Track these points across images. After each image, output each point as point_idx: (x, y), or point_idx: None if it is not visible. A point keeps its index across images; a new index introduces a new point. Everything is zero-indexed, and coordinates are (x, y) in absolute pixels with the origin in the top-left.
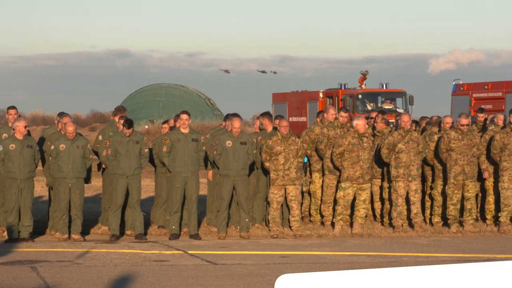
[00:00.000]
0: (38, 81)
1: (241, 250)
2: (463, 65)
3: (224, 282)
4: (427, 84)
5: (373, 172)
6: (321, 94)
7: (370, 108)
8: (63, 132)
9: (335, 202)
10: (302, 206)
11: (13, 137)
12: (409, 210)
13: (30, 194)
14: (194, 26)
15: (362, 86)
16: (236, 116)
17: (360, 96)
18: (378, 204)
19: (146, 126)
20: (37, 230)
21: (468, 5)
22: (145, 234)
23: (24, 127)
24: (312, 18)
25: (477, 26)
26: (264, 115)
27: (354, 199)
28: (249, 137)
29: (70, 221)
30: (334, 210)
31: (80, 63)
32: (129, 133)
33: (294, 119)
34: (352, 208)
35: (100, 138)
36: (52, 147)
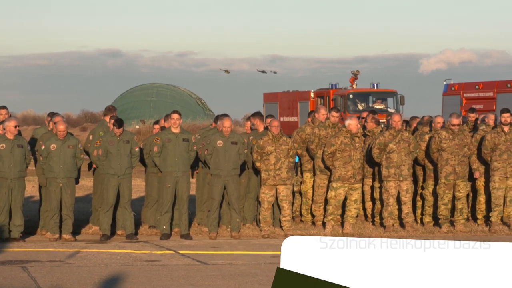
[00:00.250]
0: (29, 81)
1: (232, 250)
2: (454, 65)
3: (215, 282)
4: (418, 84)
5: (364, 172)
6: (312, 94)
7: (361, 108)
8: (55, 131)
9: (326, 202)
10: (293, 206)
11: (3, 137)
12: (400, 210)
13: (21, 194)
14: (185, 26)
15: (353, 86)
16: (226, 116)
17: (351, 96)
18: (369, 204)
19: (137, 126)
20: (28, 230)
21: (459, 5)
22: (136, 234)
23: (14, 127)
24: (303, 18)
25: (468, 26)
26: (255, 115)
27: (345, 199)
28: (240, 137)
29: (61, 221)
30: (325, 210)
31: (71, 63)
32: (119, 132)
33: (285, 119)
34: (343, 208)
35: (91, 138)
36: (43, 147)
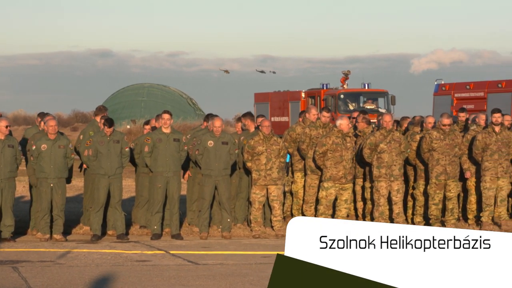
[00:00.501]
0: (20, 80)
1: (223, 250)
2: (445, 65)
3: (206, 282)
4: (409, 84)
5: (355, 172)
6: (303, 94)
7: (352, 108)
8: (46, 131)
9: (317, 201)
10: (284, 206)
11: None
12: (391, 210)
13: (11, 194)
14: (176, 26)
15: (344, 86)
16: (216, 116)
17: (342, 96)
18: (360, 204)
19: (128, 126)
20: (18, 230)
21: (450, 5)
22: (126, 234)
23: (5, 127)
24: (294, 18)
25: (459, 26)
26: (246, 116)
27: (336, 199)
28: (231, 137)
29: (52, 221)
30: (316, 210)
31: (62, 63)
32: (109, 132)
33: (276, 119)
34: (334, 208)
35: (81, 138)
36: (33, 147)
